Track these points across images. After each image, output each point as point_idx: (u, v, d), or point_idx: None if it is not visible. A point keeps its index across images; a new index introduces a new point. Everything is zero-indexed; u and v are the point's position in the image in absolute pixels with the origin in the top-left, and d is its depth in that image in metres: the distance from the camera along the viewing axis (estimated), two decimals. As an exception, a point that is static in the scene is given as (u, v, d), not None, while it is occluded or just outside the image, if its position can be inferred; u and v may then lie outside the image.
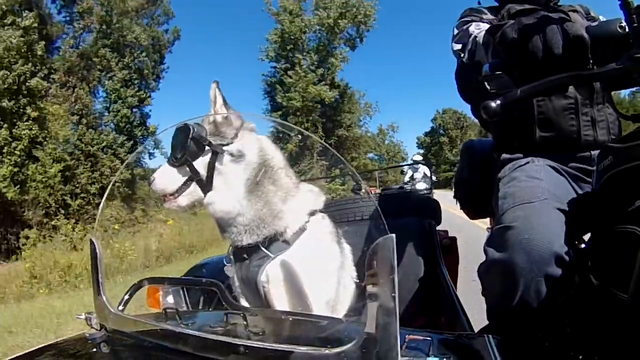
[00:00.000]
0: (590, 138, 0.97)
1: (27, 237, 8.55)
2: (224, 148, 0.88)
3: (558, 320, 0.77)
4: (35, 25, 9.82)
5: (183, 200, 0.91)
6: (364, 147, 19.03)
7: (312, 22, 15.59)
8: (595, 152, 0.93)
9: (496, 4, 1.19)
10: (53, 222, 9.78)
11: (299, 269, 0.87)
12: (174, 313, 0.62)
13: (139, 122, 13.09)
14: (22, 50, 9.43)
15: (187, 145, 0.86)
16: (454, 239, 1.70)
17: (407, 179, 7.83)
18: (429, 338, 0.55)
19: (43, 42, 10.21)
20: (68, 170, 10.50)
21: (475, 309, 1.11)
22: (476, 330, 0.95)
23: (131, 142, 12.44)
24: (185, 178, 0.90)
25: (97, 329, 0.65)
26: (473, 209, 1.42)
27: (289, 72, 15.12)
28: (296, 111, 15.07)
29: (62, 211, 10.21)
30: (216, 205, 0.89)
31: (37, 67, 9.96)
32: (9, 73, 9.15)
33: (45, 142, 10.09)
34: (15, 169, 9.49)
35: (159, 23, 14.10)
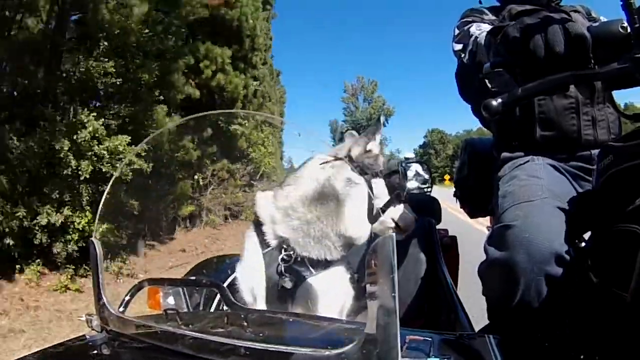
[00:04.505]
0: (591, 137, 0.97)
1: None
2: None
3: (558, 320, 0.77)
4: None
5: None
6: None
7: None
8: (595, 151, 0.92)
9: (497, 4, 1.19)
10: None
11: (332, 287, 0.86)
12: (175, 314, 0.62)
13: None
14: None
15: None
16: (454, 238, 1.69)
17: (398, 177, 7.83)
18: (429, 338, 0.55)
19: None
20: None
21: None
22: (476, 330, 0.95)
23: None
24: None
25: (97, 331, 0.65)
26: (473, 208, 1.42)
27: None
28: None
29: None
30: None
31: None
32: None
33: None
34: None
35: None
